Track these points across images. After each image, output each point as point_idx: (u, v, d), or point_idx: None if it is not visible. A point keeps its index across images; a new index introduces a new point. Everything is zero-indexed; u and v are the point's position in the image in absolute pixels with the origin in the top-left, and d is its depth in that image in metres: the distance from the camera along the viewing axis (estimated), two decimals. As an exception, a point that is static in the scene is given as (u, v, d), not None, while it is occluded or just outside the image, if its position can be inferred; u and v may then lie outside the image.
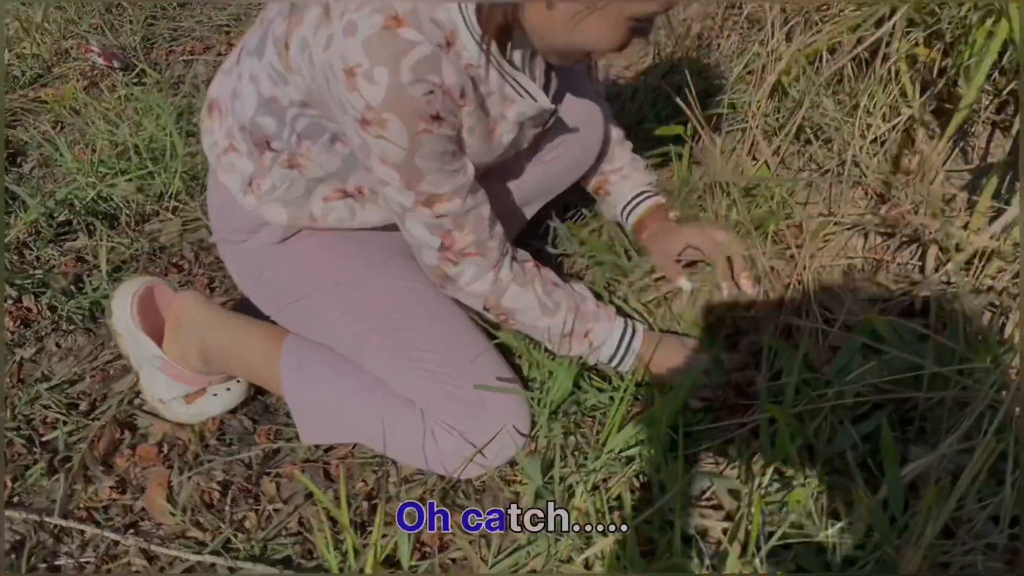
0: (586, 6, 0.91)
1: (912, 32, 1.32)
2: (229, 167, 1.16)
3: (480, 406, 1.14)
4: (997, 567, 0.88)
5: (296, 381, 1.23)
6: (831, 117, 1.34)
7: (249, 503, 1.22)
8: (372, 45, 0.88)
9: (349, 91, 0.91)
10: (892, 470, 0.91)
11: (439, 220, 1.06)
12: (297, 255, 1.22)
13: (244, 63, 1.08)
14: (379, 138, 0.94)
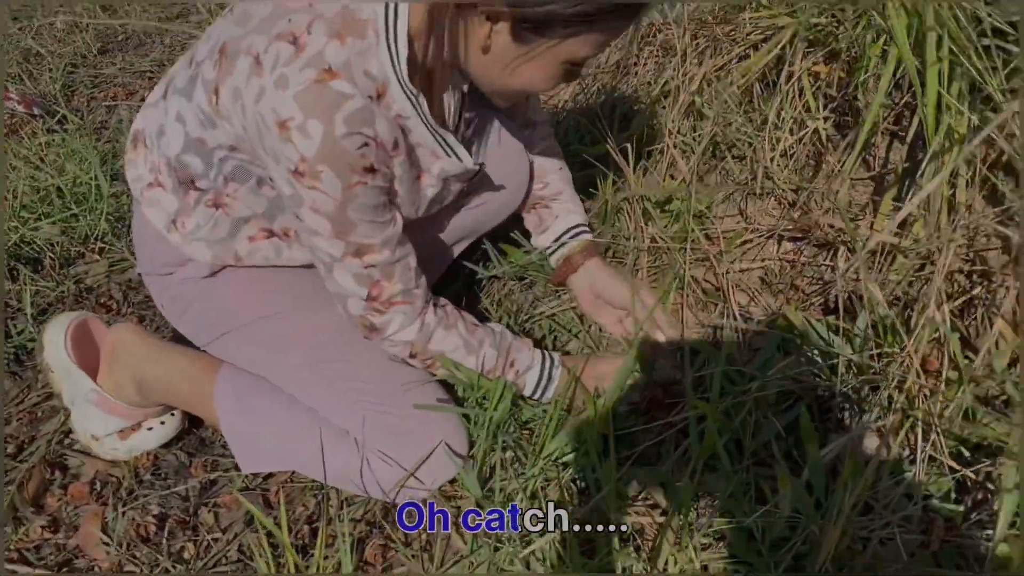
0: (522, 54, 0.94)
1: (812, 52, 1.42)
2: (153, 202, 1.15)
3: (416, 434, 1.15)
4: (913, 539, 0.94)
5: (232, 412, 1.24)
6: (743, 132, 1.42)
7: (187, 534, 1.22)
8: (305, 98, 0.89)
9: (283, 143, 0.91)
10: (813, 452, 0.96)
11: (368, 271, 1.06)
12: (223, 289, 1.21)
13: (171, 100, 1.08)
14: (312, 189, 0.94)
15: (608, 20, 0.91)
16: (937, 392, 0.98)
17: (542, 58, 0.95)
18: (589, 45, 0.94)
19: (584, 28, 0.91)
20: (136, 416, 1.32)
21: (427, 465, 1.14)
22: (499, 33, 0.93)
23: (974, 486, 0.96)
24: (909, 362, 0.98)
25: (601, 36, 0.94)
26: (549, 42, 0.92)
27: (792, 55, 1.41)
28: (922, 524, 0.96)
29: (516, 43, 0.93)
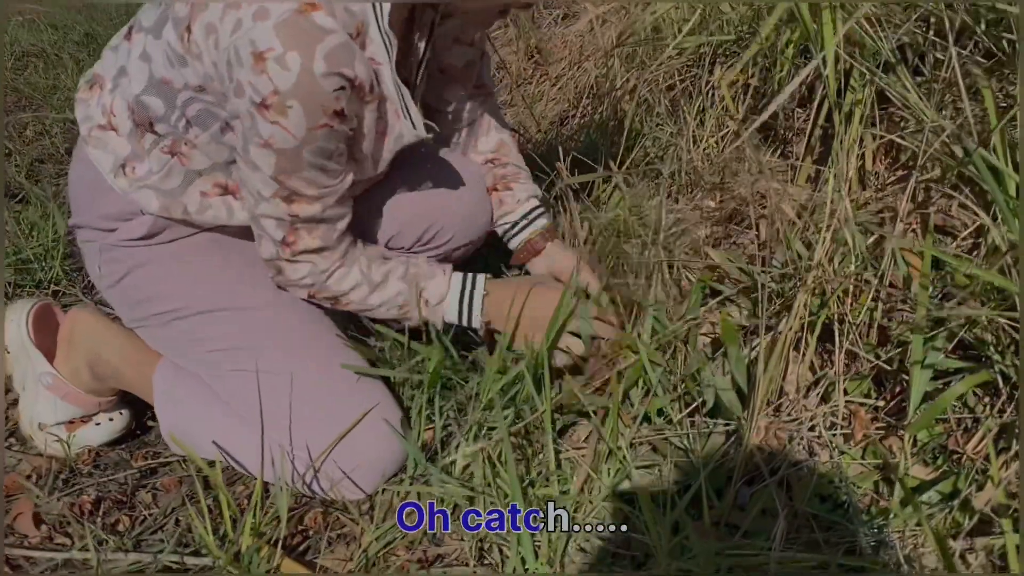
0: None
1: (732, 61, 1.57)
2: (101, 144, 1.11)
3: (348, 441, 1.13)
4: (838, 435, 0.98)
5: (170, 410, 1.26)
6: (670, 134, 1.54)
7: (123, 512, 1.21)
8: (285, 29, 0.88)
9: (256, 75, 0.89)
10: (734, 350, 1.01)
11: (291, 219, 1.05)
12: (160, 265, 1.19)
13: (135, 39, 1.06)
14: (274, 124, 0.93)
15: None
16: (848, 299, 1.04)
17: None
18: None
19: None
20: (90, 405, 1.31)
21: (363, 456, 1.13)
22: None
23: (890, 377, 1.01)
24: (822, 272, 1.04)
25: None
26: None
27: (712, 64, 1.56)
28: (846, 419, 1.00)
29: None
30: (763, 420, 0.96)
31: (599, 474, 1.00)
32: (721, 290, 1.18)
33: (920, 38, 1.23)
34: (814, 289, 1.04)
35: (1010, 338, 0.97)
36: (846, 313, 1.03)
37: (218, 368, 1.19)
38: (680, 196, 1.49)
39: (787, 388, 1.01)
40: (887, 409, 1.00)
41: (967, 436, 0.93)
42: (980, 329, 0.97)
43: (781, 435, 0.97)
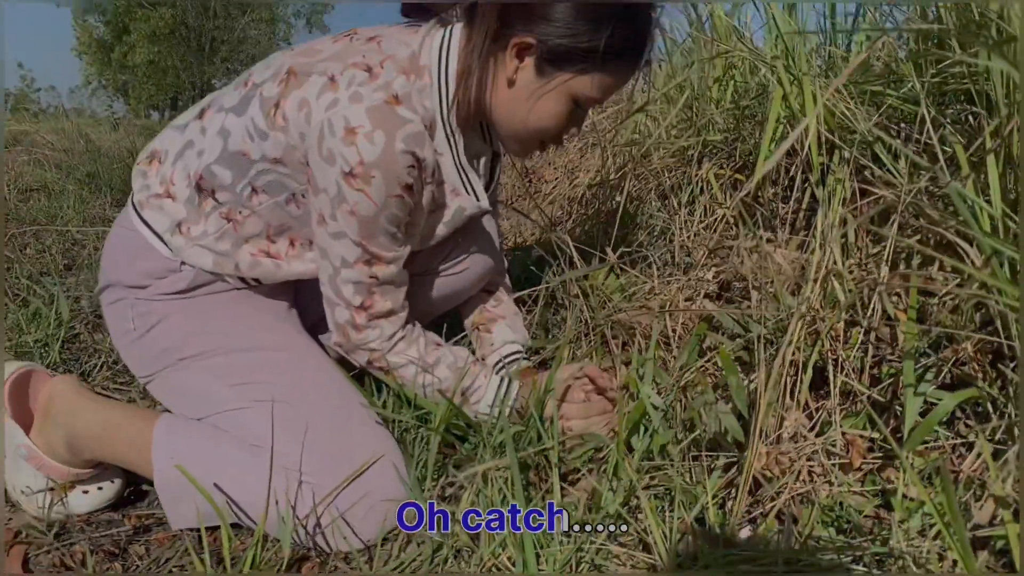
0: (541, 85, 1.15)
1: (717, 157, 1.69)
2: (157, 208, 1.25)
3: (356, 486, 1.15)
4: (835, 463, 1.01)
5: (166, 452, 1.23)
6: (663, 220, 1.64)
7: (117, 562, 1.19)
8: (375, 113, 1.07)
9: (346, 146, 1.06)
10: (734, 380, 1.05)
11: (370, 280, 1.19)
12: (191, 313, 1.27)
13: (212, 118, 1.22)
14: (359, 191, 1.09)
15: (614, 62, 1.14)
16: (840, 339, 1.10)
17: (557, 92, 1.15)
18: (596, 85, 1.15)
19: (593, 66, 1.12)
20: (67, 475, 1.29)
21: (370, 498, 1.15)
22: (524, 69, 1.15)
23: (884, 409, 1.05)
24: (810, 311, 1.11)
25: (607, 78, 1.15)
26: (564, 76, 1.14)
27: (700, 160, 1.68)
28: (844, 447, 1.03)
29: (537, 76, 1.15)
30: (763, 447, 0.99)
31: (603, 497, 1.01)
32: (719, 341, 1.23)
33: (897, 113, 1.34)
34: (806, 326, 1.09)
35: (996, 372, 1.02)
36: (838, 350, 1.08)
37: (234, 402, 1.22)
38: (675, 274, 1.56)
39: (787, 421, 1.04)
40: (883, 440, 1.03)
41: (961, 459, 0.96)
42: (967, 363, 1.02)
43: (782, 460, 0.99)
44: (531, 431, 1.14)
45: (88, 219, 3.90)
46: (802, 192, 1.56)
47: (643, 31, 1.15)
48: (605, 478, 1.05)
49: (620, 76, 1.18)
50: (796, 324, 1.04)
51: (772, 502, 0.97)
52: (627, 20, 1.12)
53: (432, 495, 1.16)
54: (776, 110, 1.34)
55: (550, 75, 1.15)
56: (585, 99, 1.17)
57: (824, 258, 1.19)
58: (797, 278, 1.20)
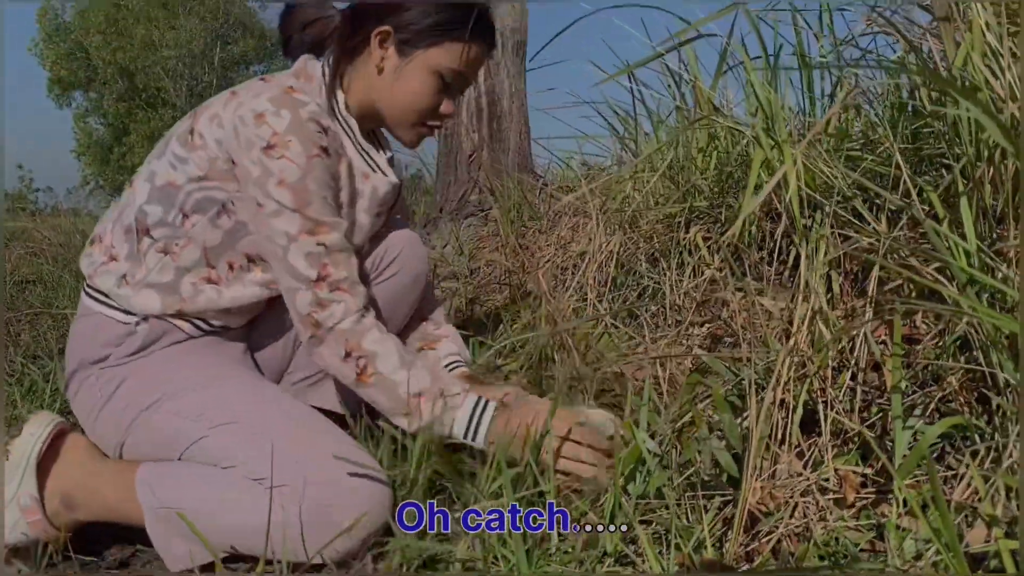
0: (403, 64, 1.33)
1: (703, 222, 1.75)
2: (104, 273, 1.32)
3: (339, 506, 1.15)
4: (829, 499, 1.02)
5: (152, 492, 1.23)
6: (654, 281, 1.68)
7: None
8: (277, 99, 1.23)
9: (258, 127, 1.21)
10: (727, 418, 1.07)
11: (319, 248, 1.24)
12: (150, 367, 1.31)
13: (139, 176, 1.35)
14: (281, 158, 1.21)
15: (459, 30, 1.32)
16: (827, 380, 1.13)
17: (417, 67, 1.33)
18: (450, 54, 1.33)
19: (443, 37, 1.32)
20: (46, 537, 1.28)
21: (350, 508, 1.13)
22: (389, 56, 1.35)
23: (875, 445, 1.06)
24: (798, 353, 1.14)
25: (457, 44, 1.33)
26: (421, 51, 1.33)
27: (688, 224, 1.73)
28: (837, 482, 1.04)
29: (399, 57, 1.34)
30: (757, 483, 1.00)
31: (602, 538, 1.02)
32: (711, 384, 1.26)
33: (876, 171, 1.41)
34: (794, 367, 1.12)
35: (983, 407, 1.05)
36: (827, 390, 1.10)
37: (196, 433, 1.23)
38: (665, 330, 1.60)
39: (780, 457, 1.06)
40: (875, 475, 1.05)
41: (952, 490, 0.97)
42: (953, 400, 1.05)
43: (777, 495, 1.01)
44: (528, 475, 1.15)
45: (83, 308, 3.94)
46: (787, 254, 1.61)
47: (473, 4, 1.34)
48: (603, 518, 1.06)
49: (468, 41, 1.34)
50: (784, 361, 1.07)
51: (768, 536, 0.98)
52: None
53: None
54: (757, 167, 1.40)
55: (409, 54, 1.34)
56: (447, 71, 1.35)
57: (810, 303, 1.22)
58: (785, 324, 1.23)
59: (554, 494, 1.11)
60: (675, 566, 0.93)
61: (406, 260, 1.53)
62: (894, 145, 1.31)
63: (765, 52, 1.71)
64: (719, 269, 1.65)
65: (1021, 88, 1.04)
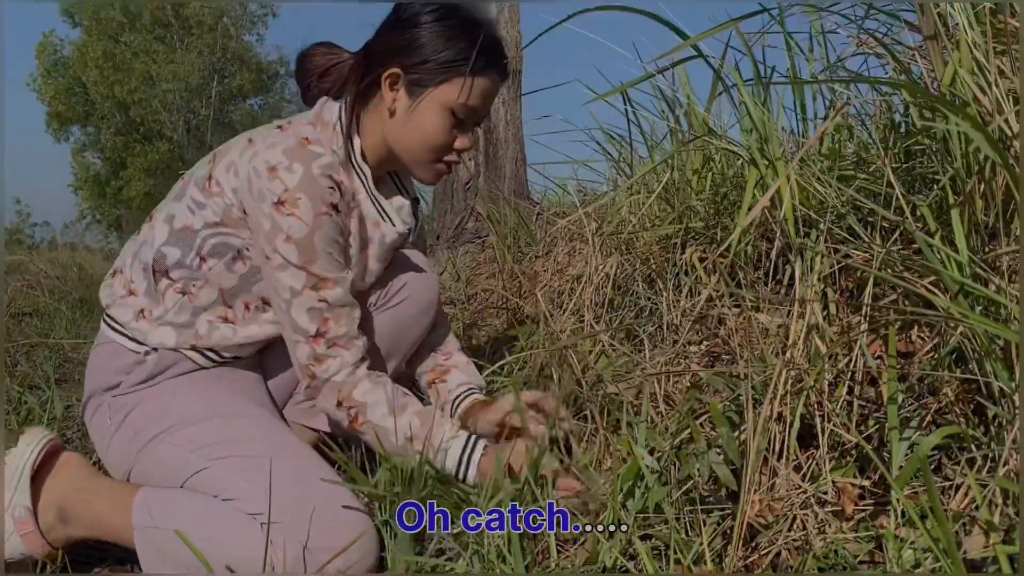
0: (414, 104, 1.33)
1: (699, 242, 1.76)
2: (122, 305, 1.36)
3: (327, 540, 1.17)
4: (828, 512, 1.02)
5: (147, 514, 1.25)
6: (651, 300, 1.69)
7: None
8: (290, 152, 1.25)
9: (270, 180, 1.23)
10: (724, 432, 1.08)
11: (320, 305, 1.28)
12: (158, 397, 1.35)
13: (157, 217, 1.38)
14: (289, 215, 1.23)
15: (463, 66, 1.31)
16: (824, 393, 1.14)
17: (428, 106, 1.33)
18: (462, 90, 1.32)
19: (452, 74, 1.31)
20: (39, 553, 1.30)
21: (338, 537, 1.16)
22: (399, 98, 1.34)
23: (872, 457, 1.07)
24: (795, 367, 1.15)
25: (464, 80, 1.32)
26: (431, 90, 1.32)
27: (685, 243, 1.75)
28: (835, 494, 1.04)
29: (409, 98, 1.34)
30: (756, 496, 1.01)
31: (601, 551, 1.02)
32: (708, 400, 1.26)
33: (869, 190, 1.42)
34: (791, 380, 1.13)
35: (979, 418, 1.06)
36: (824, 403, 1.11)
37: (198, 464, 1.25)
38: (662, 347, 1.60)
39: (779, 469, 1.06)
40: (873, 486, 1.05)
41: (950, 500, 0.98)
42: (949, 411, 1.06)
43: (775, 507, 1.01)
44: (527, 494, 1.15)
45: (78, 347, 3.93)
46: (783, 274, 1.63)
47: (482, 37, 1.32)
48: (602, 533, 1.06)
49: (478, 75, 1.33)
50: (780, 374, 1.08)
51: (768, 548, 0.98)
52: (466, 30, 1.32)
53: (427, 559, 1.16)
54: (751, 186, 1.42)
55: (419, 94, 1.33)
56: (459, 107, 1.33)
57: (806, 318, 1.23)
58: (782, 340, 1.24)
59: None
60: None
61: (415, 289, 1.55)
62: (886, 164, 1.33)
63: (758, 74, 1.74)
64: (715, 289, 1.67)
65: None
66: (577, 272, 1.96)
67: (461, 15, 1.34)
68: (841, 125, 1.79)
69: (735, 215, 1.74)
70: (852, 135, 1.86)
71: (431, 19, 1.33)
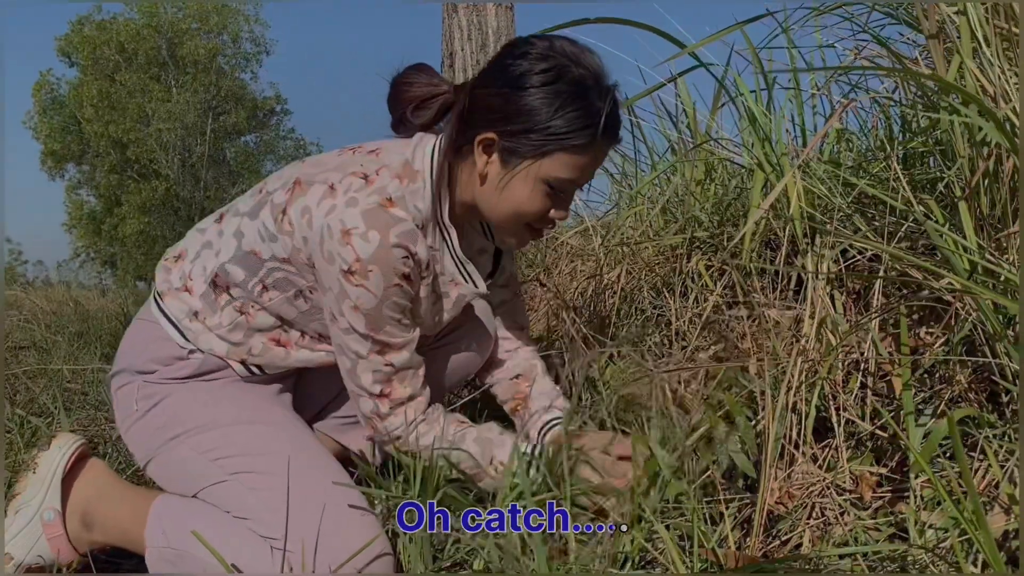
0: (507, 172, 1.22)
1: (704, 251, 1.78)
2: (176, 298, 1.33)
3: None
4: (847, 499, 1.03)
5: (160, 523, 1.25)
6: (659, 309, 1.71)
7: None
8: (369, 216, 1.17)
9: (343, 246, 1.16)
10: (742, 421, 1.09)
11: (386, 369, 1.26)
12: (189, 393, 1.32)
13: (228, 221, 1.32)
14: (359, 286, 1.17)
15: (572, 140, 1.18)
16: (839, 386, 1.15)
17: (524, 178, 1.22)
18: (561, 165, 1.20)
19: (553, 147, 1.19)
20: (64, 556, 1.30)
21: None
22: (492, 164, 1.23)
23: (888, 446, 1.08)
24: (807, 360, 1.16)
25: (570, 156, 1.20)
26: (527, 162, 1.21)
27: (691, 251, 1.77)
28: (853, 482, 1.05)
29: (503, 167, 1.22)
30: (775, 483, 1.01)
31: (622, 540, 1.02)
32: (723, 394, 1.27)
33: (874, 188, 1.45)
34: (805, 372, 1.14)
35: (993, 404, 1.07)
36: (839, 394, 1.12)
37: (216, 476, 1.24)
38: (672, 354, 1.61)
39: (796, 457, 1.07)
40: (890, 473, 1.06)
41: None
42: (963, 400, 1.07)
43: (795, 494, 1.02)
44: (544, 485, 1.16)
45: (78, 372, 3.93)
46: (789, 279, 1.64)
47: (595, 107, 1.19)
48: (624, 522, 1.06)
49: (583, 152, 1.21)
50: (795, 362, 1.09)
51: (788, 535, 0.98)
52: (578, 99, 1.18)
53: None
54: (759, 188, 1.44)
55: (515, 164, 1.21)
56: (557, 180, 1.22)
57: (816, 312, 1.25)
58: (793, 336, 1.26)
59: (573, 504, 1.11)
60: (701, 563, 0.93)
61: (472, 330, 1.54)
62: (892, 155, 1.36)
63: (760, 66, 1.76)
64: (721, 295, 1.68)
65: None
66: (581, 286, 1.98)
67: (576, 76, 1.20)
68: (841, 134, 1.83)
69: (740, 223, 1.76)
70: (852, 146, 1.90)
71: (540, 81, 1.19)
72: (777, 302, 1.59)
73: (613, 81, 1.24)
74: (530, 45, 1.23)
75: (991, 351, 1.04)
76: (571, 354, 1.58)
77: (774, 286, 1.71)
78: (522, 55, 1.21)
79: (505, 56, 1.24)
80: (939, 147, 1.44)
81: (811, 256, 1.38)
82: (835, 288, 1.48)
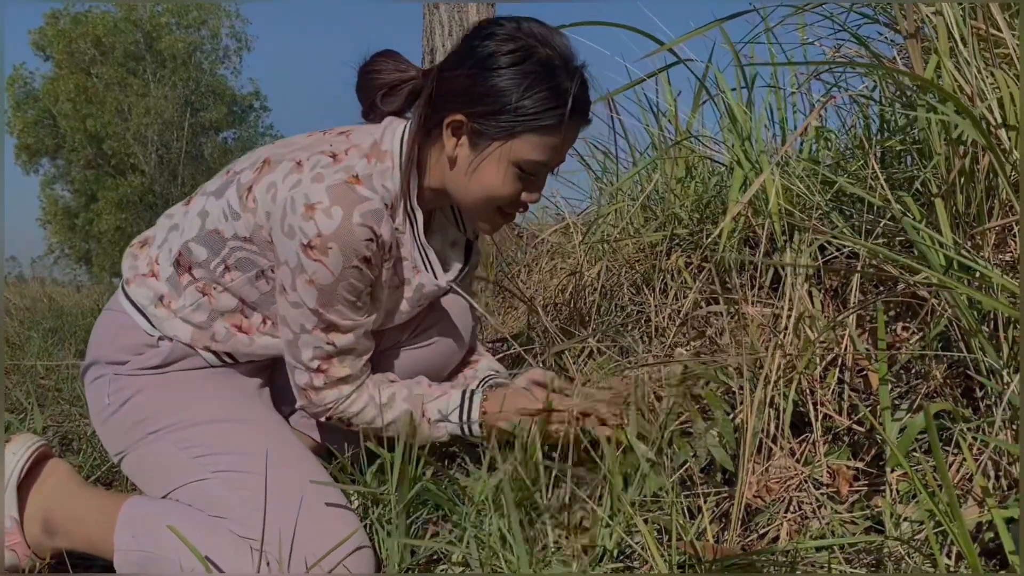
0: (476, 155, 1.21)
1: (684, 248, 1.79)
2: (142, 284, 1.31)
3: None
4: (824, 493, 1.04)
5: (129, 529, 1.22)
6: (638, 305, 1.71)
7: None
8: (335, 191, 1.15)
9: (305, 220, 1.14)
10: (719, 413, 1.09)
11: (328, 347, 1.24)
12: (163, 387, 1.30)
13: (196, 201, 1.31)
14: (316, 261, 1.15)
15: (541, 121, 1.18)
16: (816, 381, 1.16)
17: (495, 160, 1.21)
18: (531, 147, 1.20)
19: (522, 129, 1.18)
20: (25, 559, 1.28)
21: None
22: (461, 146, 1.22)
23: (864, 440, 1.09)
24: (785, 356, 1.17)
25: (539, 137, 1.20)
26: (496, 143, 1.20)
27: (670, 248, 1.78)
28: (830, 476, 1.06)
29: (472, 150, 1.22)
30: (753, 476, 1.02)
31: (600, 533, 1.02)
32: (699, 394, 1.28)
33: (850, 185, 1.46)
34: (783, 367, 1.15)
35: (967, 400, 1.08)
36: (816, 389, 1.13)
37: (197, 473, 1.22)
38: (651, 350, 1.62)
39: (774, 452, 1.08)
40: (867, 467, 1.07)
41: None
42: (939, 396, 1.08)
43: (772, 487, 1.02)
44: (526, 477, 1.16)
45: (52, 368, 3.89)
46: (767, 277, 1.66)
47: (563, 87, 1.19)
48: (602, 516, 1.06)
49: (553, 133, 1.20)
50: (772, 355, 1.10)
51: (766, 528, 0.99)
52: (546, 79, 1.18)
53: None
54: (738, 185, 1.45)
55: (484, 146, 1.21)
56: (527, 162, 1.21)
57: (795, 305, 1.26)
58: (771, 328, 1.26)
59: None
60: (679, 557, 0.94)
61: (443, 342, 1.52)
62: (870, 152, 1.37)
63: (739, 61, 1.77)
64: (700, 291, 1.69)
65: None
66: (560, 284, 1.98)
67: (544, 56, 1.20)
68: (820, 132, 1.84)
69: (719, 222, 1.77)
70: (830, 144, 1.91)
71: (508, 62, 1.19)
72: (755, 299, 1.61)
73: (581, 61, 1.24)
74: (497, 26, 1.22)
75: (966, 347, 1.06)
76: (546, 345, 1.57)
77: (752, 283, 1.73)
78: (489, 36, 1.21)
79: (472, 37, 1.24)
80: (916, 145, 1.46)
81: (789, 253, 1.39)
82: (813, 285, 1.50)
